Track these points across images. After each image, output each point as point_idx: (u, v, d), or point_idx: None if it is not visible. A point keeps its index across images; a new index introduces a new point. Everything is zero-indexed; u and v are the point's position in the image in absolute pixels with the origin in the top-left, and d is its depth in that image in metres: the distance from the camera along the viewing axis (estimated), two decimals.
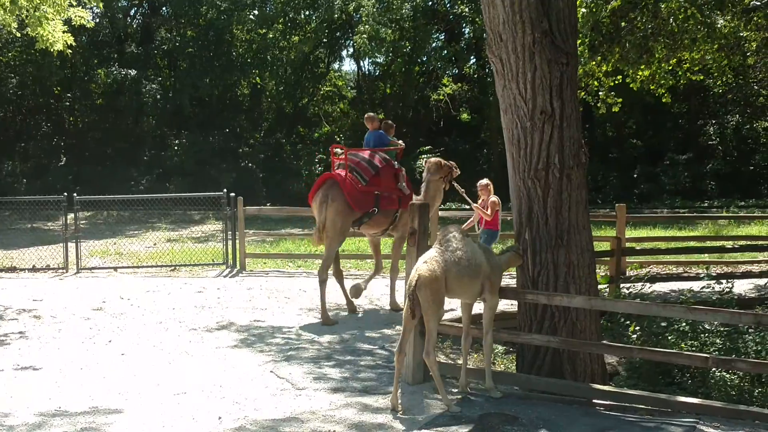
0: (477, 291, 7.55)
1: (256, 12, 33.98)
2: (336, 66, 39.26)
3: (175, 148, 31.82)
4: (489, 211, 11.94)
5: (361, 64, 37.08)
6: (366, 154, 11.83)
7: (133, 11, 36.71)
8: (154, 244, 19.49)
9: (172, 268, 16.24)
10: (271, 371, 8.54)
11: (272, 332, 10.47)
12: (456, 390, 7.73)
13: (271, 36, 33.78)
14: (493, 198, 12.07)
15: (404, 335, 7.34)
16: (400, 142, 12.68)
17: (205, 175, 30.19)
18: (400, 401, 7.25)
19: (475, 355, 9.45)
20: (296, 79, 35.13)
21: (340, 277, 11.87)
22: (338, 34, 36.14)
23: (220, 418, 6.95)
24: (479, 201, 12.34)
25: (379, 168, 11.57)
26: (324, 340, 10.03)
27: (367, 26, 30.86)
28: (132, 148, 32.74)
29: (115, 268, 16.08)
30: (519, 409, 7.15)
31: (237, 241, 16.12)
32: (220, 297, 12.92)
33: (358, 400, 7.50)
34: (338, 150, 11.76)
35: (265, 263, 16.91)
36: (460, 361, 8.08)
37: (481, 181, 12.37)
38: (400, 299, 10.99)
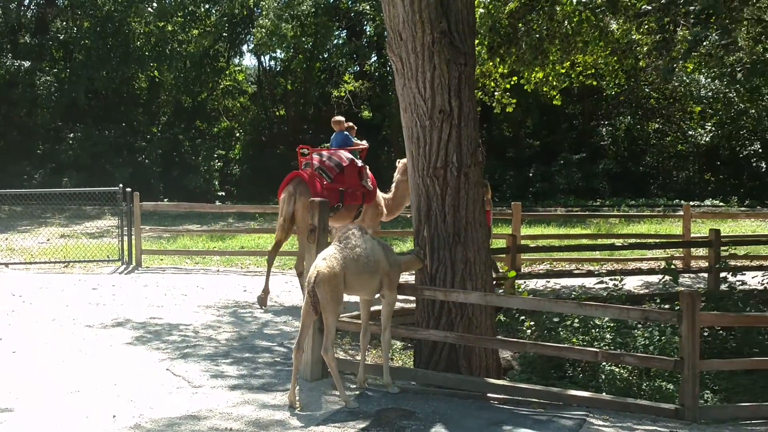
0: (375, 287, 7.60)
1: (155, 4, 33.28)
2: (236, 61, 38.77)
3: (70, 141, 30.84)
4: None
5: (262, 59, 36.77)
6: (331, 153, 12.47)
7: (27, 1, 35.38)
8: (48, 240, 18.89)
9: (66, 264, 15.80)
10: (167, 369, 8.41)
11: (169, 330, 10.30)
12: (354, 386, 7.78)
13: (170, 29, 33.11)
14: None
15: (302, 332, 7.35)
16: (364, 142, 13.38)
17: (101, 169, 29.41)
18: (298, 398, 7.25)
19: (374, 351, 9.52)
20: (195, 73, 34.55)
21: (271, 265, 12.23)
22: (239, 28, 35.73)
23: (114, 416, 6.81)
24: None
25: (344, 166, 12.14)
26: (222, 338, 9.93)
27: (267, 21, 30.62)
28: (25, 142, 31.57)
29: (6, 264, 15.54)
30: (416, 403, 7.24)
31: (133, 238, 15.78)
32: (115, 294, 12.63)
33: (257, 397, 7.47)
34: (305, 150, 12.25)
35: (162, 260, 16.63)
36: (358, 358, 8.13)
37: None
38: None
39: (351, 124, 13.40)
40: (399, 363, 9.34)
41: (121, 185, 16.43)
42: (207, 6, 33.67)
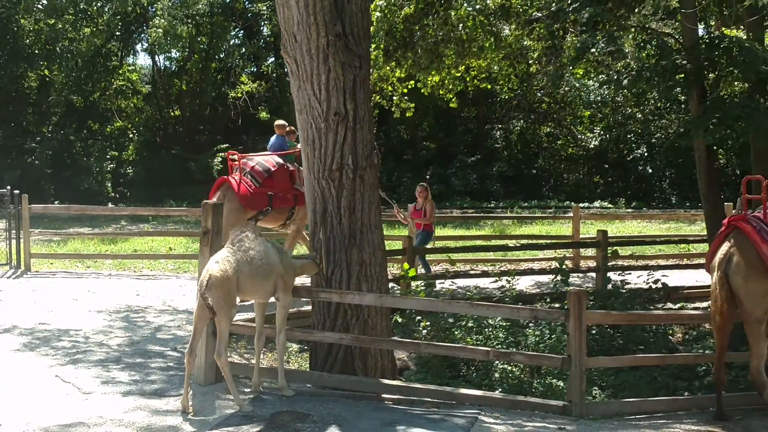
0: (270, 290, 7.57)
1: (44, 1, 32.18)
2: (130, 60, 37.90)
3: None
4: (428, 215, 13.63)
5: (156, 58, 36.03)
6: (261, 158, 12.76)
7: None
8: None
9: None
10: (56, 375, 8.16)
11: (58, 335, 9.99)
12: (249, 390, 7.72)
13: (60, 27, 32.11)
14: (430, 202, 13.76)
15: (195, 336, 7.25)
16: (299, 146, 12.93)
17: None
18: (191, 403, 7.16)
19: (269, 354, 9.47)
20: (87, 72, 33.57)
21: None
22: (133, 27, 34.93)
23: (0, 425, 6.57)
24: (415, 203, 14.00)
25: (272, 171, 12.41)
26: (113, 343, 9.70)
27: (162, 20, 30.05)
28: None
29: None
30: (311, 406, 7.24)
31: (21, 241, 15.24)
32: (2, 299, 12.17)
33: (149, 403, 7.33)
34: (234, 156, 12.57)
35: (52, 264, 16.10)
36: (253, 361, 8.08)
37: (419, 185, 14.15)
38: None
39: (292, 128, 13.32)
40: (295, 365, 9.33)
41: (8, 187, 15.86)
42: (99, 4, 32.74)
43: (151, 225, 24.07)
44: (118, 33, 34.25)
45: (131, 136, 35.94)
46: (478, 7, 12.81)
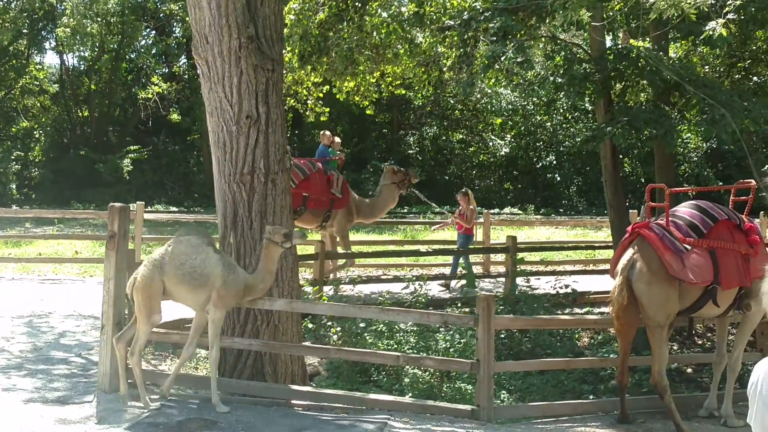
0: (201, 301, 7.27)
1: None
2: (37, 59, 36.75)
3: None
4: (468, 219, 14.63)
5: (65, 57, 35.10)
6: (301, 162, 13.57)
7: None
8: None
9: None
10: None
11: None
12: (156, 396, 7.57)
13: None
14: (472, 206, 14.74)
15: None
16: (340, 154, 14.81)
17: None
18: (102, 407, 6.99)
19: (177, 361, 9.32)
20: None
21: None
22: (41, 25, 33.94)
23: None
24: (459, 208, 15.04)
25: (308, 174, 13.26)
26: (15, 349, 9.37)
27: (71, 19, 29.30)
28: None
29: None
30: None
31: None
32: None
33: (52, 410, 7.09)
34: None
35: None
36: (161, 367, 7.94)
37: (460, 192, 15.29)
38: None
39: (336, 139, 14.91)
40: (203, 372, 9.18)
41: None
42: (5, 0, 31.76)
43: (57, 228, 23.40)
44: (25, 31, 33.23)
45: (38, 136, 34.92)
46: (392, 12, 12.89)
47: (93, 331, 10.31)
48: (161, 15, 35.33)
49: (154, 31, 36.23)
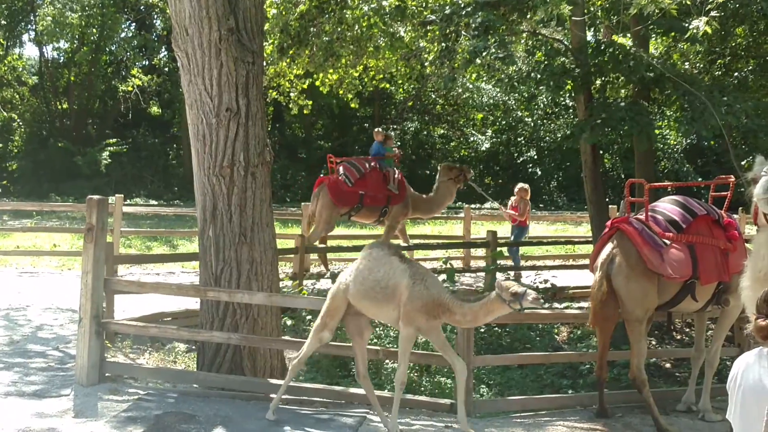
0: (393, 316, 6.67)
1: None
2: (16, 50, 36.39)
3: None
4: (522, 212, 15.20)
5: (44, 49, 34.79)
6: (356, 161, 14.22)
7: None
8: None
9: None
10: None
11: None
12: (132, 390, 7.52)
13: None
14: (526, 200, 15.38)
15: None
16: (395, 150, 15.02)
17: None
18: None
19: (155, 354, 9.28)
20: None
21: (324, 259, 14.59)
22: (20, 16, 33.63)
23: None
24: (511, 201, 15.72)
25: (364, 172, 13.75)
26: None
27: (51, 9, 29.07)
28: None
29: None
30: (197, 407, 7.09)
31: None
32: None
33: (29, 404, 7.03)
34: (333, 159, 14.39)
35: None
36: (139, 361, 7.89)
37: (519, 186, 15.77)
38: None
39: (388, 134, 15.10)
40: (182, 366, 9.14)
41: None
42: None
43: (35, 220, 23.20)
44: (3, 22, 32.93)
45: (16, 128, 34.63)
46: (373, 6, 12.84)
47: (71, 324, 10.23)
48: (141, 7, 35.11)
49: (134, 24, 35.98)
